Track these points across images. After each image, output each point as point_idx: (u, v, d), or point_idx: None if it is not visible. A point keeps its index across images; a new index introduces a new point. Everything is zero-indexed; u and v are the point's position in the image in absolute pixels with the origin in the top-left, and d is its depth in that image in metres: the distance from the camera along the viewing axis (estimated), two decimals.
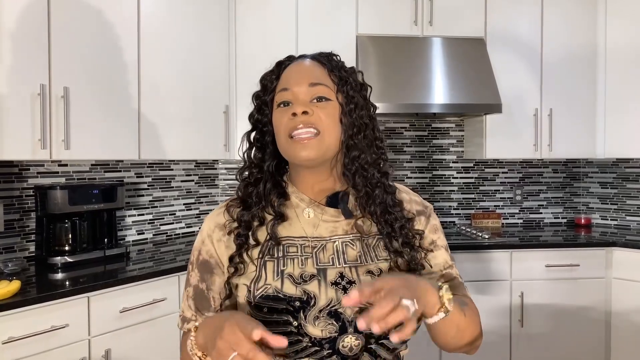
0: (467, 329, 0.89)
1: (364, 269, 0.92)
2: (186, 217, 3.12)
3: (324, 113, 0.92)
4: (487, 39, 3.08)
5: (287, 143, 0.92)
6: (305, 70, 0.95)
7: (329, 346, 0.88)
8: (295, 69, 0.96)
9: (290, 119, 0.91)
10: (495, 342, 2.80)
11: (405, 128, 3.41)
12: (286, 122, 0.92)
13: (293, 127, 0.91)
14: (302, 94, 0.93)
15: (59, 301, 1.84)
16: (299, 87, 0.93)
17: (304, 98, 0.93)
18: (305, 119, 0.90)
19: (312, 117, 0.91)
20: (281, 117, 0.93)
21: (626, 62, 3.09)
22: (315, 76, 0.94)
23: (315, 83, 0.93)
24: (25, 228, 2.38)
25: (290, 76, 0.95)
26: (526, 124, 3.13)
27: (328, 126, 0.92)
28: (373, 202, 0.95)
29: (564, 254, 2.84)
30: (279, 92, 0.95)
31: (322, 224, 0.96)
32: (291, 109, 0.92)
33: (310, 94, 0.93)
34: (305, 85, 0.93)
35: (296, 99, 0.93)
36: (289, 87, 0.94)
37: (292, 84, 0.94)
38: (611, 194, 3.47)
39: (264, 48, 2.86)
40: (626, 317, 2.80)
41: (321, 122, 0.91)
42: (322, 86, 0.94)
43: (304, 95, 0.93)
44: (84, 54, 2.22)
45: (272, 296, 0.89)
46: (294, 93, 0.93)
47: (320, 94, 0.93)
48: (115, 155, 2.40)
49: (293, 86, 0.94)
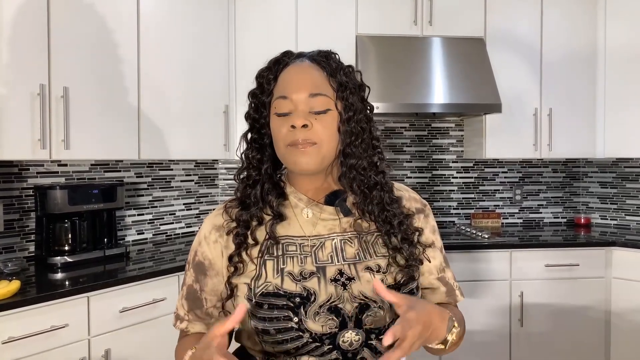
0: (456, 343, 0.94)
1: (363, 266, 0.93)
2: (186, 217, 3.12)
3: (322, 125, 0.92)
4: (487, 38, 3.08)
5: (285, 151, 0.93)
6: (305, 77, 0.94)
7: (329, 342, 0.88)
8: (295, 74, 0.95)
9: (290, 131, 0.91)
10: (495, 341, 2.80)
11: (405, 128, 3.42)
12: (285, 133, 0.92)
13: (292, 141, 0.91)
14: (301, 104, 0.92)
15: (59, 301, 1.84)
16: (298, 96, 0.92)
17: (303, 108, 0.92)
18: (303, 134, 0.90)
19: (310, 132, 0.91)
20: (280, 126, 0.93)
21: (626, 62, 3.09)
22: (315, 85, 0.93)
23: (315, 94, 0.93)
24: (25, 228, 2.38)
25: (290, 82, 0.94)
26: (526, 123, 3.13)
27: (326, 137, 0.92)
28: (371, 202, 0.96)
29: (563, 253, 2.84)
30: (277, 99, 0.94)
31: (321, 222, 0.97)
32: (290, 119, 0.91)
33: (309, 104, 0.92)
34: (305, 94, 0.92)
35: (295, 108, 0.92)
36: (288, 96, 0.93)
37: (291, 92, 0.93)
38: (611, 194, 3.47)
39: (263, 47, 2.85)
40: (626, 316, 2.80)
41: (319, 135, 0.91)
42: (322, 97, 0.93)
43: (303, 105, 0.92)
44: (83, 53, 2.22)
45: (273, 293, 0.90)
46: (294, 102, 0.92)
47: (319, 108, 0.92)
48: (114, 155, 2.40)
49: (292, 94, 0.93)
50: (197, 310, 0.99)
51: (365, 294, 0.91)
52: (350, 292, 0.90)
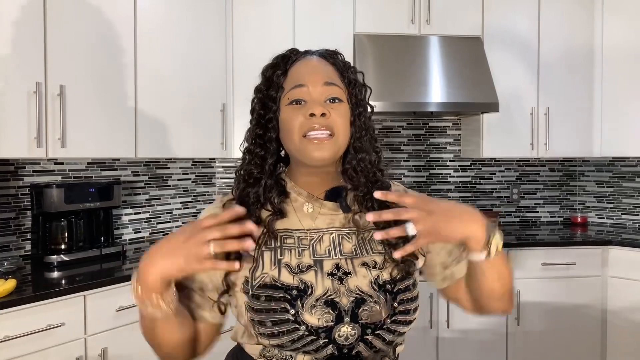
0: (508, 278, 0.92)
1: (359, 261, 0.94)
2: (183, 215, 3.11)
3: (338, 115, 0.93)
4: (485, 37, 3.08)
5: (301, 142, 0.92)
6: (319, 68, 0.96)
7: (325, 335, 0.88)
8: (307, 66, 0.96)
9: (307, 119, 0.91)
10: (492, 340, 2.80)
11: (403, 127, 3.42)
12: (302, 121, 0.92)
13: (310, 128, 0.91)
14: (317, 92, 0.93)
15: (55, 300, 1.83)
16: (314, 86, 0.93)
17: (319, 97, 0.93)
18: (322, 121, 0.91)
19: (329, 120, 0.92)
20: (295, 115, 0.93)
21: (623, 61, 3.10)
22: (329, 75, 0.95)
23: (330, 82, 0.94)
24: (21, 227, 2.37)
25: (304, 73, 0.95)
26: (523, 122, 3.14)
27: (342, 128, 0.93)
28: (371, 199, 0.96)
29: (560, 252, 2.85)
30: (293, 88, 0.94)
31: (320, 216, 0.97)
32: (307, 108, 0.92)
33: (325, 93, 0.93)
34: (320, 83, 0.94)
35: (311, 97, 0.93)
36: (305, 84, 0.93)
37: (307, 81, 0.94)
38: (607, 193, 3.48)
39: (261, 46, 2.85)
40: (622, 315, 2.81)
41: (336, 125, 0.92)
42: (335, 87, 0.95)
43: (319, 94, 0.93)
44: (80, 51, 2.21)
45: (270, 285, 0.90)
46: (309, 91, 0.93)
47: (335, 95, 0.94)
48: (111, 153, 2.40)
49: (308, 83, 0.93)
50: None
51: (362, 288, 0.91)
52: (346, 287, 0.90)
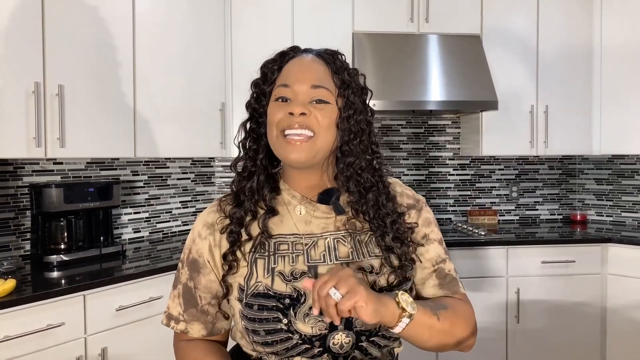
0: (446, 330, 0.89)
1: (356, 266, 0.92)
2: (182, 214, 3.11)
3: (321, 114, 0.91)
4: (483, 36, 3.08)
5: (277, 141, 0.92)
6: (309, 69, 0.94)
7: (319, 344, 0.88)
8: (299, 65, 0.95)
9: (287, 117, 0.91)
10: (492, 338, 2.81)
11: (402, 125, 3.42)
12: (281, 117, 0.91)
13: (288, 126, 0.90)
14: (302, 94, 0.92)
15: (55, 300, 1.83)
16: (300, 86, 0.92)
17: (304, 99, 0.92)
18: (301, 120, 0.90)
19: (309, 119, 0.90)
20: (277, 111, 0.92)
21: (622, 59, 3.10)
22: (318, 78, 0.93)
23: (317, 85, 0.92)
24: (20, 226, 2.37)
25: (293, 72, 0.94)
26: (522, 120, 3.14)
27: (323, 128, 0.91)
28: (366, 203, 0.95)
29: (559, 250, 2.85)
30: (279, 86, 0.94)
31: (314, 220, 0.96)
32: (289, 106, 0.91)
33: (310, 95, 0.92)
34: (307, 85, 0.92)
35: (295, 98, 0.92)
36: (290, 85, 0.93)
37: (293, 82, 0.93)
38: (606, 190, 3.49)
39: (260, 45, 2.84)
40: (621, 312, 2.81)
41: (317, 124, 0.91)
42: (323, 89, 0.93)
43: (304, 95, 0.92)
44: (78, 51, 2.20)
45: (263, 293, 0.89)
46: (294, 91, 0.92)
47: (320, 97, 0.92)
48: (110, 153, 2.39)
49: (294, 84, 0.92)
50: (193, 309, 0.97)
51: None
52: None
